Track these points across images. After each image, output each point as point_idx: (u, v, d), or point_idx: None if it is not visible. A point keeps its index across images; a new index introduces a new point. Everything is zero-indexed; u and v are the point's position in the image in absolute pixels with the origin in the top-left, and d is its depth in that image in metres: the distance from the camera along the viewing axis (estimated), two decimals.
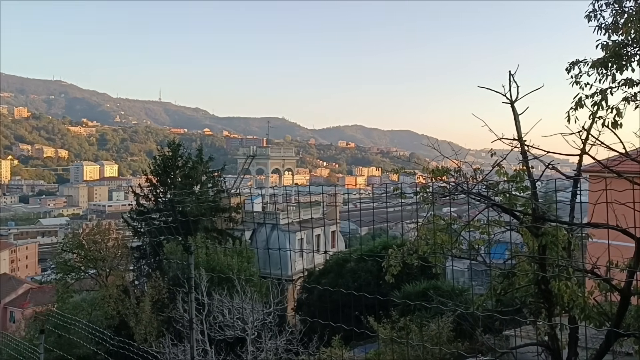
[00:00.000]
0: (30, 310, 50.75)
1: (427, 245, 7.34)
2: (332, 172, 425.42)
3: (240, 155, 53.50)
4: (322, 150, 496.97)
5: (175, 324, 16.94)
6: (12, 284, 66.28)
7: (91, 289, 35.19)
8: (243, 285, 17.13)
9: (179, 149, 38.51)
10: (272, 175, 53.07)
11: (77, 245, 35.61)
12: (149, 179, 38.43)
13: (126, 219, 40.14)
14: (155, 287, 27.05)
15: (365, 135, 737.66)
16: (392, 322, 14.98)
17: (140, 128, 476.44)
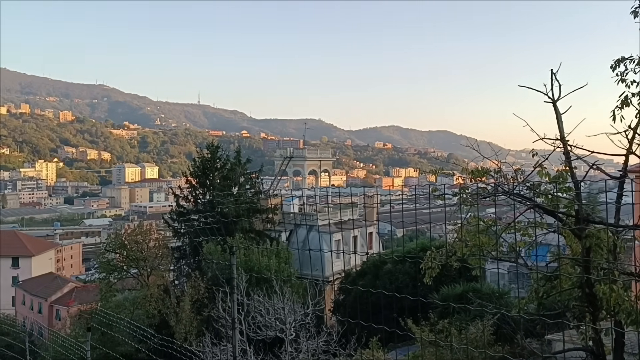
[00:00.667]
0: (75, 308, 52.17)
1: (466, 247, 7.25)
2: (369, 173, 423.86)
3: (278, 157, 53.82)
4: (358, 152, 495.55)
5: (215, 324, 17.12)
6: (58, 283, 68.17)
7: (133, 288, 35.87)
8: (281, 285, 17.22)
9: (217, 151, 38.96)
10: (309, 176, 53.18)
11: (119, 245, 36.40)
12: (189, 181, 38.96)
13: (166, 219, 40.82)
14: (194, 287, 27.42)
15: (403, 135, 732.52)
16: (431, 325, 14.83)
17: (179, 130, 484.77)
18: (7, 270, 78.95)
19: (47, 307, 63.58)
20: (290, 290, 17.74)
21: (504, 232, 7.15)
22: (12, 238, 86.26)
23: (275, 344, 16.09)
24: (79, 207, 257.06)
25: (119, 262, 36.30)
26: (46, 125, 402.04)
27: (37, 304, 65.52)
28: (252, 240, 32.19)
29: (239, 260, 26.04)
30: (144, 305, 27.96)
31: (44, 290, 65.99)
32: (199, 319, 26.00)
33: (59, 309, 62.12)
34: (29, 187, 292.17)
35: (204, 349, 14.97)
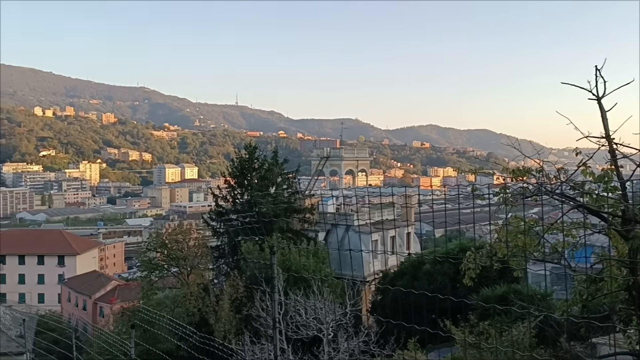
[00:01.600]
0: (118, 306, 53.40)
1: (507, 248, 7.13)
2: (407, 172, 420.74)
3: (314, 157, 53.95)
4: (396, 151, 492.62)
5: (254, 322, 17.26)
6: (101, 281, 69.92)
7: (173, 286, 36.42)
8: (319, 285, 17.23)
9: (255, 152, 39.26)
10: (346, 176, 53.15)
11: (160, 244, 37.07)
12: (227, 181, 39.38)
13: (206, 219, 41.39)
14: (233, 286, 27.70)
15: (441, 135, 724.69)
16: (471, 327, 14.62)
17: (218, 131, 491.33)
18: (53, 268, 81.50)
19: (91, 304, 65.22)
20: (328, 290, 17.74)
21: (547, 232, 7.00)
22: (58, 237, 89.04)
23: (313, 343, 16.12)
24: (122, 207, 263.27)
25: (160, 260, 36.93)
26: (90, 127, 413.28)
27: (82, 301, 67.33)
28: (289, 240, 32.33)
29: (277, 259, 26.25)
30: (184, 304, 28.36)
31: (88, 288, 67.78)
32: (238, 318, 26.26)
33: (102, 306, 63.62)
34: (74, 187, 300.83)
35: (244, 348, 15.11)
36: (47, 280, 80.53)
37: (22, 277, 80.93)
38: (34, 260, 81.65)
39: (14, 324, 36.70)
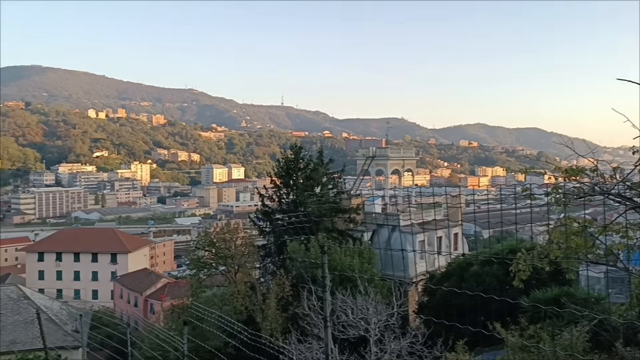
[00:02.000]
0: (168, 303, 54.61)
1: (559, 250, 6.94)
2: (454, 172, 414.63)
3: (360, 157, 53.77)
4: (442, 150, 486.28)
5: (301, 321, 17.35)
6: (152, 279, 71.68)
7: (221, 284, 36.95)
8: (366, 285, 17.18)
9: (300, 152, 39.43)
10: (392, 176, 52.71)
11: (208, 243, 37.70)
12: (273, 181, 39.67)
13: (252, 218, 41.85)
14: (280, 285, 27.93)
15: (489, 133, 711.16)
16: (521, 329, 14.29)
17: (264, 132, 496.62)
18: (106, 265, 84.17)
19: (142, 301, 66.91)
20: (374, 291, 17.67)
21: (602, 234, 6.78)
22: (111, 236, 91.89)
23: (359, 343, 16.10)
24: (171, 207, 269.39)
25: (208, 259, 37.54)
26: (140, 128, 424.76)
27: (133, 297, 69.18)
28: (334, 240, 32.36)
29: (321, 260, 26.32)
30: (232, 302, 28.73)
31: (139, 285, 69.60)
32: (284, 317, 26.47)
33: (152, 303, 65.15)
34: (126, 187, 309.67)
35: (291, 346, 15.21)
36: (101, 277, 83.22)
37: (77, 273, 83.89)
38: (88, 258, 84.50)
39: (70, 319, 38.03)
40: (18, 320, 34.22)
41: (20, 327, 33.55)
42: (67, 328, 35.41)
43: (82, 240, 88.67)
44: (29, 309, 35.39)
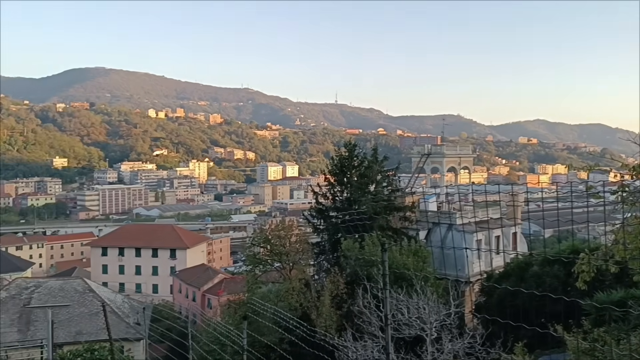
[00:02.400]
0: (225, 298, 55.69)
1: (625, 250, 6.67)
2: (512, 170, 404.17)
3: (415, 154, 53.22)
4: (500, 147, 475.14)
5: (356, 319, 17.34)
6: (209, 274, 73.31)
7: (276, 281, 37.38)
8: (422, 284, 16.98)
9: (354, 149, 39.30)
10: (448, 173, 51.93)
11: (264, 239, 38.20)
12: (327, 179, 39.75)
13: (306, 216, 42.08)
14: (334, 283, 27.99)
15: (549, 130, 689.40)
16: (584, 332, 13.79)
17: (318, 130, 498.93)
18: (165, 260, 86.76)
19: (200, 296, 68.54)
20: (431, 290, 17.44)
21: None
22: (170, 232, 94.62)
23: (415, 343, 15.94)
24: (227, 204, 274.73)
25: (263, 255, 38.04)
26: (198, 127, 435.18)
27: (192, 292, 70.96)
28: (389, 238, 32.15)
29: (377, 257, 26.19)
30: (287, 298, 29.01)
31: (197, 280, 71.33)
32: (339, 314, 26.52)
33: (210, 297, 66.61)
34: (184, 184, 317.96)
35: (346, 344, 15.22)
36: (161, 272, 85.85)
37: (138, 268, 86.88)
38: (148, 253, 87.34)
39: (132, 312, 39.42)
40: (84, 312, 35.75)
41: (86, 319, 35.04)
42: (130, 321, 36.72)
43: (143, 236, 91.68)
44: (94, 302, 36.92)
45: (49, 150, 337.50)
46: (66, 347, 18.97)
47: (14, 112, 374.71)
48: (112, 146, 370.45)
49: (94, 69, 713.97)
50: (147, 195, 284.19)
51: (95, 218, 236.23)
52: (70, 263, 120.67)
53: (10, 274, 75.14)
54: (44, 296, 37.13)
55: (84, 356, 14.25)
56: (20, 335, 32.41)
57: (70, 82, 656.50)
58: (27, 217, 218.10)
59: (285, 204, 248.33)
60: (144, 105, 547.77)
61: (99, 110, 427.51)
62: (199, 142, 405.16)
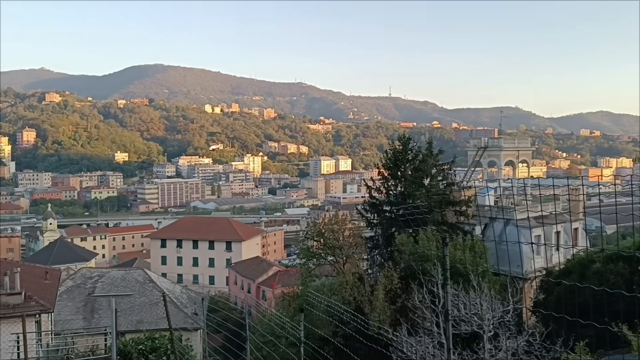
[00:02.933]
0: (279, 290, 56.42)
1: None
2: (573, 163, 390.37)
3: (471, 147, 52.08)
4: (561, 140, 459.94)
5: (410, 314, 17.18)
6: (264, 267, 74.40)
7: (330, 274, 37.51)
8: (479, 280, 16.64)
9: (409, 143, 38.79)
10: (505, 167, 50.59)
11: (317, 233, 38.42)
12: (381, 172, 39.40)
13: (360, 210, 41.92)
14: (388, 277, 27.82)
15: (613, 122, 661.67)
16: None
17: (371, 123, 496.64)
18: (221, 253, 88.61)
19: (255, 288, 69.68)
20: (488, 286, 17.06)
21: None
22: (226, 225, 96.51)
23: (472, 339, 15.65)
24: (281, 197, 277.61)
25: (317, 249, 38.25)
26: (253, 122, 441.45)
27: (247, 284, 72.24)
28: (444, 233, 31.66)
29: (432, 252, 25.88)
30: (340, 292, 29.02)
31: (252, 272, 72.54)
32: (392, 309, 26.36)
33: (264, 290, 67.65)
34: (239, 178, 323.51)
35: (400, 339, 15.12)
36: (217, 264, 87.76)
37: (195, 260, 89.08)
38: (205, 245, 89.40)
39: (190, 302, 40.51)
40: (144, 302, 37.00)
41: (146, 308, 36.26)
42: (188, 311, 37.77)
43: (200, 229, 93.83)
44: (153, 292, 38.15)
45: (110, 145, 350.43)
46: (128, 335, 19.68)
47: (79, 109, 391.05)
48: (170, 141, 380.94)
49: (152, 66, 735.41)
50: (203, 188, 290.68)
51: (155, 211, 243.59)
52: (131, 254, 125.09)
53: (75, 264, 78.76)
54: (107, 285, 38.65)
55: (145, 344, 14.74)
56: (85, 323, 33.89)
57: (131, 79, 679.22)
58: (91, 210, 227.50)
59: (338, 198, 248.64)
60: (201, 100, 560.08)
61: (158, 106, 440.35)
62: (253, 136, 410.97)
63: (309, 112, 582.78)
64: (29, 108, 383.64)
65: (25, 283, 19.30)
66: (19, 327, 16.12)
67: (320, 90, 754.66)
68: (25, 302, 18.48)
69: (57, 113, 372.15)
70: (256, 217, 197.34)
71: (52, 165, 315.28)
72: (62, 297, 33.50)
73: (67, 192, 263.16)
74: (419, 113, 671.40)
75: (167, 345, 14.78)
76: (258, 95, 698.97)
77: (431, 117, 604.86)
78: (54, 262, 78.48)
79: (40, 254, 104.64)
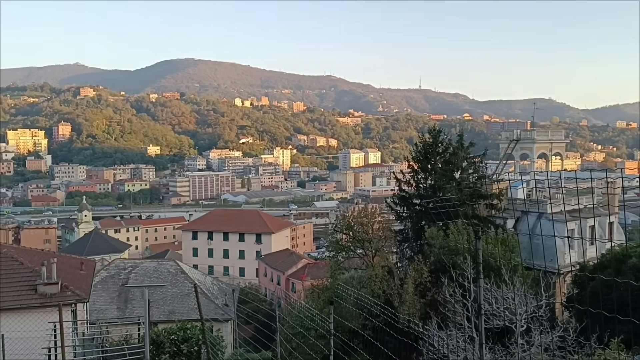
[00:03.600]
0: (308, 282, 56.68)
1: None
2: (609, 156, 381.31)
3: (503, 140, 51.33)
4: (596, 132, 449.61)
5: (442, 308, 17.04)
6: (293, 259, 74.86)
7: (359, 267, 37.48)
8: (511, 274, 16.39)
9: (439, 135, 38.36)
10: (538, 160, 49.73)
11: (346, 226, 38.39)
12: (411, 165, 39.08)
13: (389, 203, 41.71)
14: (417, 270, 27.66)
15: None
16: None
17: (401, 116, 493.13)
18: (251, 245, 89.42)
19: (284, 280, 70.16)
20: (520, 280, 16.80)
21: None
22: (256, 217, 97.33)
23: (503, 334, 15.46)
24: (310, 190, 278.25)
25: (346, 242, 38.24)
26: (282, 115, 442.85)
27: (276, 276, 72.79)
28: (475, 227, 31.29)
29: (462, 246, 25.62)
30: (370, 285, 28.97)
31: (281, 265, 73.05)
32: (422, 302, 26.22)
33: (294, 282, 68.06)
34: (269, 171, 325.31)
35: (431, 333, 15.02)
36: (247, 256, 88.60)
37: (226, 252, 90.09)
38: (235, 237, 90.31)
39: (220, 293, 41.03)
40: (176, 292, 37.63)
41: (178, 299, 36.86)
42: (218, 302, 38.26)
43: (231, 221, 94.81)
44: (185, 283, 38.76)
45: (143, 139, 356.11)
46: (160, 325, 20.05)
47: (112, 103, 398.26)
48: (201, 134, 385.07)
49: (183, 60, 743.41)
50: (233, 181, 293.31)
51: (186, 203, 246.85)
52: (163, 246, 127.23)
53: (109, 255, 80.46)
54: (140, 276, 39.43)
55: (177, 334, 14.98)
56: (119, 313, 34.67)
57: (162, 74, 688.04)
58: (124, 202, 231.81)
59: (367, 191, 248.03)
60: (231, 94, 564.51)
61: (189, 100, 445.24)
62: (282, 129, 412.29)
63: (338, 105, 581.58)
64: (64, 102, 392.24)
65: (61, 273, 19.78)
66: (55, 316, 16.60)
67: (350, 83, 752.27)
68: (61, 291, 18.95)
69: (92, 107, 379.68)
70: (285, 210, 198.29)
71: (87, 159, 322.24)
72: (96, 287, 34.32)
73: (101, 184, 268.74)
74: (449, 105, 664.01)
75: (198, 336, 14.99)
76: (287, 88, 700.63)
77: (462, 110, 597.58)
78: (89, 253, 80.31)
79: (76, 245, 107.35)
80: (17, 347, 14.98)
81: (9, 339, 15.12)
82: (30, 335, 15.35)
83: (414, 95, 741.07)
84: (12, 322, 16.12)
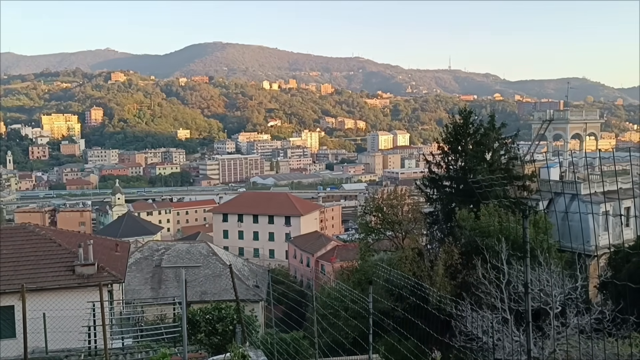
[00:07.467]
0: (337, 264, 56.97)
1: None
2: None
3: (535, 120, 50.30)
4: (632, 112, 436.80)
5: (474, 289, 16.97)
6: (322, 241, 75.22)
7: (388, 249, 37.46)
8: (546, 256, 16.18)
9: (469, 116, 37.71)
10: (572, 140, 48.66)
11: (376, 208, 38.35)
12: (440, 147, 38.59)
13: (419, 185, 41.41)
14: (448, 252, 27.55)
15: None
16: None
17: (430, 97, 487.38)
18: (281, 227, 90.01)
19: (314, 262, 70.63)
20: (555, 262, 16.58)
21: None
22: (285, 200, 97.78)
23: (537, 316, 15.34)
24: (338, 173, 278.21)
25: (375, 224, 38.22)
26: (310, 98, 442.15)
27: (306, 258, 73.32)
28: (507, 209, 30.90)
29: (493, 228, 25.37)
30: (400, 267, 28.96)
31: (310, 247, 73.52)
32: (453, 284, 26.14)
33: (323, 264, 68.46)
34: (297, 154, 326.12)
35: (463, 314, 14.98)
36: (276, 238, 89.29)
37: (256, 234, 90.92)
38: (265, 220, 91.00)
39: (251, 275, 41.57)
40: (208, 274, 38.28)
41: (210, 280, 37.51)
42: (249, 283, 38.79)
43: (260, 204, 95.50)
44: (216, 264, 39.37)
45: (173, 123, 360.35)
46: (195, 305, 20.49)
47: (142, 87, 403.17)
48: (230, 118, 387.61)
49: (212, 44, 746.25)
50: (262, 164, 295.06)
51: (216, 186, 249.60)
52: (194, 228, 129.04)
53: (142, 237, 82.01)
54: (173, 258, 40.18)
55: (212, 314, 15.27)
56: (153, 293, 35.44)
57: (191, 58, 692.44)
58: (156, 185, 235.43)
59: (396, 173, 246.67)
60: (259, 77, 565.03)
61: (218, 84, 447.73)
62: (310, 112, 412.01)
63: (366, 87, 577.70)
64: (96, 87, 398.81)
65: (97, 255, 20.30)
66: (92, 296, 17.09)
67: (378, 65, 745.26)
68: (98, 272, 19.46)
69: (122, 92, 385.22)
70: (314, 192, 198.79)
71: (119, 143, 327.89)
72: (131, 268, 35.09)
73: (133, 168, 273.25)
74: (479, 85, 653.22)
75: (232, 315, 15.24)
76: (315, 70, 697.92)
77: (493, 90, 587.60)
78: (123, 235, 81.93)
79: (110, 227, 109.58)
80: (57, 325, 15.49)
81: (49, 318, 15.62)
82: (69, 314, 15.82)
83: (444, 76, 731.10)
84: (51, 301, 16.64)
